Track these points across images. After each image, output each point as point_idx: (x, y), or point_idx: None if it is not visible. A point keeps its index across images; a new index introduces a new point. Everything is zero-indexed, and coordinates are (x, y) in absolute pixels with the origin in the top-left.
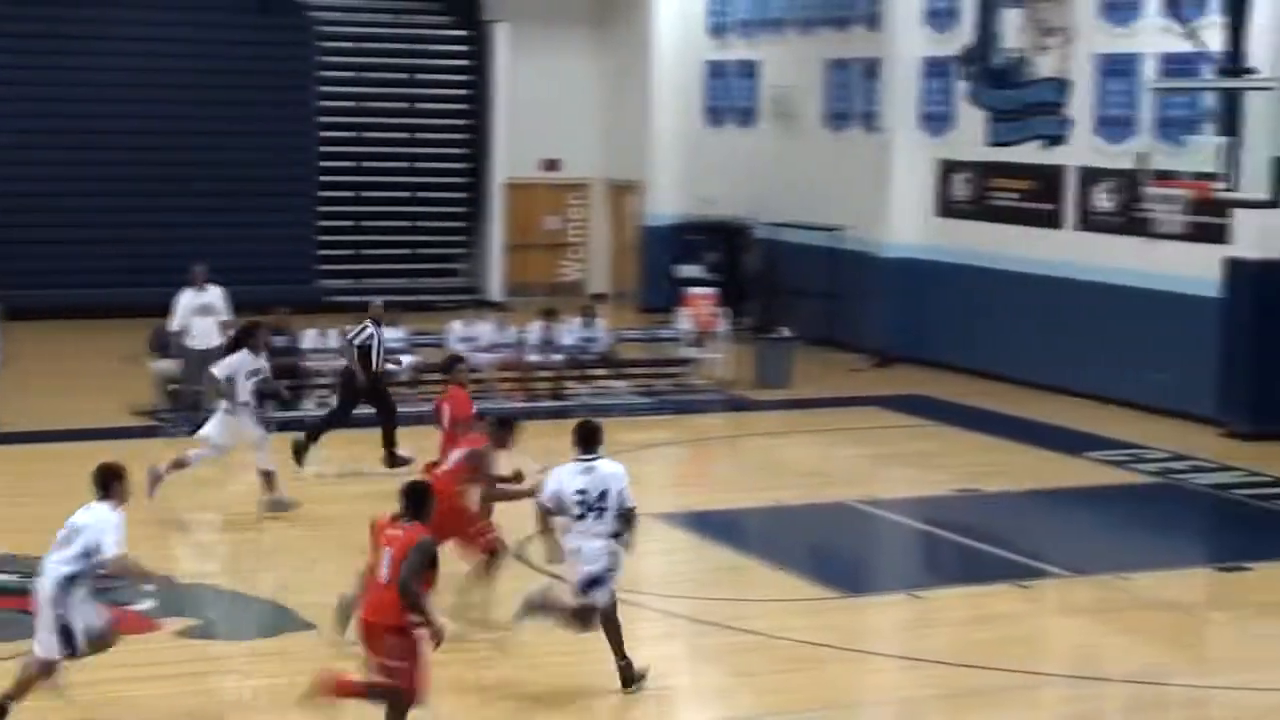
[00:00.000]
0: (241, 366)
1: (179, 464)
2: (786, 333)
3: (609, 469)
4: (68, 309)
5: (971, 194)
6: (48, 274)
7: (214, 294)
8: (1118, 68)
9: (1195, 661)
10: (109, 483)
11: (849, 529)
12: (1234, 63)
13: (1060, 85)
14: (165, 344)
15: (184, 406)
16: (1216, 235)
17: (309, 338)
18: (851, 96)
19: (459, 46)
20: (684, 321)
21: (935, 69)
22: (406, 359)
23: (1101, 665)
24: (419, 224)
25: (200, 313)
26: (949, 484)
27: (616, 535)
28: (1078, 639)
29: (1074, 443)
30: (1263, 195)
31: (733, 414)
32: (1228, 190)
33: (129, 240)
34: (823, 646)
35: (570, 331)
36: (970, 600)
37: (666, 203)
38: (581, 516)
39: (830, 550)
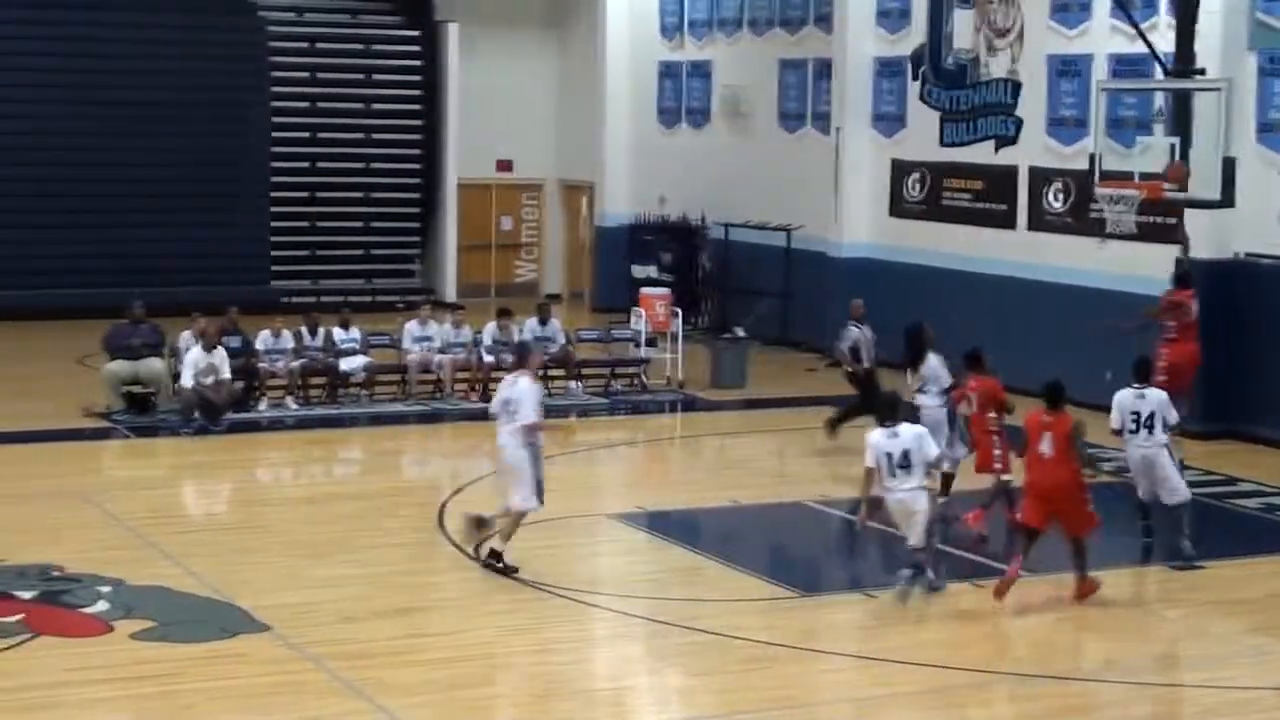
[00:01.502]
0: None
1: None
2: (741, 333)
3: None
4: (18, 310)
5: (924, 194)
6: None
7: (220, 356)
8: (1068, 68)
9: (1155, 659)
10: None
11: (804, 528)
12: (1183, 63)
13: (1012, 86)
14: (118, 346)
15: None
16: (1169, 235)
17: (263, 339)
18: (804, 96)
19: (411, 47)
20: (639, 321)
21: (887, 69)
22: (360, 359)
23: (1056, 663)
24: (373, 224)
25: (204, 373)
26: None
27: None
28: (1034, 636)
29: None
30: (1212, 195)
31: (688, 414)
32: (1178, 190)
33: (82, 241)
34: (779, 646)
35: (526, 332)
36: (925, 599)
37: (620, 203)
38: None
39: (786, 550)
